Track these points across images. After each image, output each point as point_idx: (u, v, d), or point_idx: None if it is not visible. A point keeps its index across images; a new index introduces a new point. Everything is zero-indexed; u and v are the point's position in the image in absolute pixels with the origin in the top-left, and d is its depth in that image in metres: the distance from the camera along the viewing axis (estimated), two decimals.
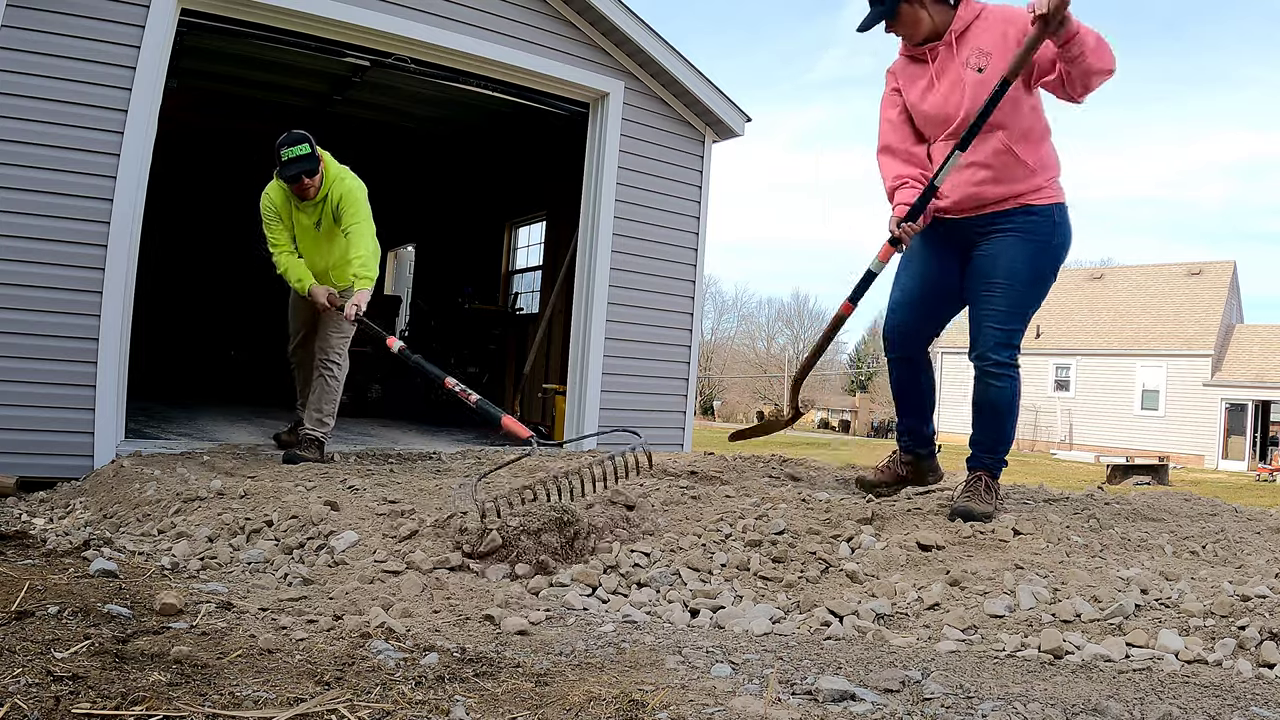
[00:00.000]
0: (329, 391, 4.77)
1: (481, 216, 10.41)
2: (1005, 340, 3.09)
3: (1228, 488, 18.79)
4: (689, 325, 6.97)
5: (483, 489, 3.09)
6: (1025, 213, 3.07)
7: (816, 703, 1.65)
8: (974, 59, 3.03)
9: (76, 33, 4.50)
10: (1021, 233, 3.07)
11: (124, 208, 4.62)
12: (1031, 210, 3.07)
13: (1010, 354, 3.10)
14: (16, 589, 2.08)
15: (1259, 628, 2.01)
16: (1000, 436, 3.20)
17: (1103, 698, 1.67)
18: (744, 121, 6.98)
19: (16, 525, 3.30)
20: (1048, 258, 3.10)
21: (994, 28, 3.03)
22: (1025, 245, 3.06)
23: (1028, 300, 3.10)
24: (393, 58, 5.85)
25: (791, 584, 2.55)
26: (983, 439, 3.22)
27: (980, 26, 3.06)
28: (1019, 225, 3.07)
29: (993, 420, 3.18)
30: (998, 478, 3.23)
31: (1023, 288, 3.08)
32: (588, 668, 1.83)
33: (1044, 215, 3.07)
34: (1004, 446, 3.23)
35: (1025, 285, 3.08)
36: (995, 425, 3.19)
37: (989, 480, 3.16)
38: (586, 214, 6.64)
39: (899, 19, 3.10)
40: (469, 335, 9.55)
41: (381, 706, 1.53)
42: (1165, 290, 30.70)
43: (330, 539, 2.86)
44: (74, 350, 4.53)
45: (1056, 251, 3.11)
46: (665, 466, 4.00)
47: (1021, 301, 3.09)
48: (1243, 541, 2.99)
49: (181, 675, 1.60)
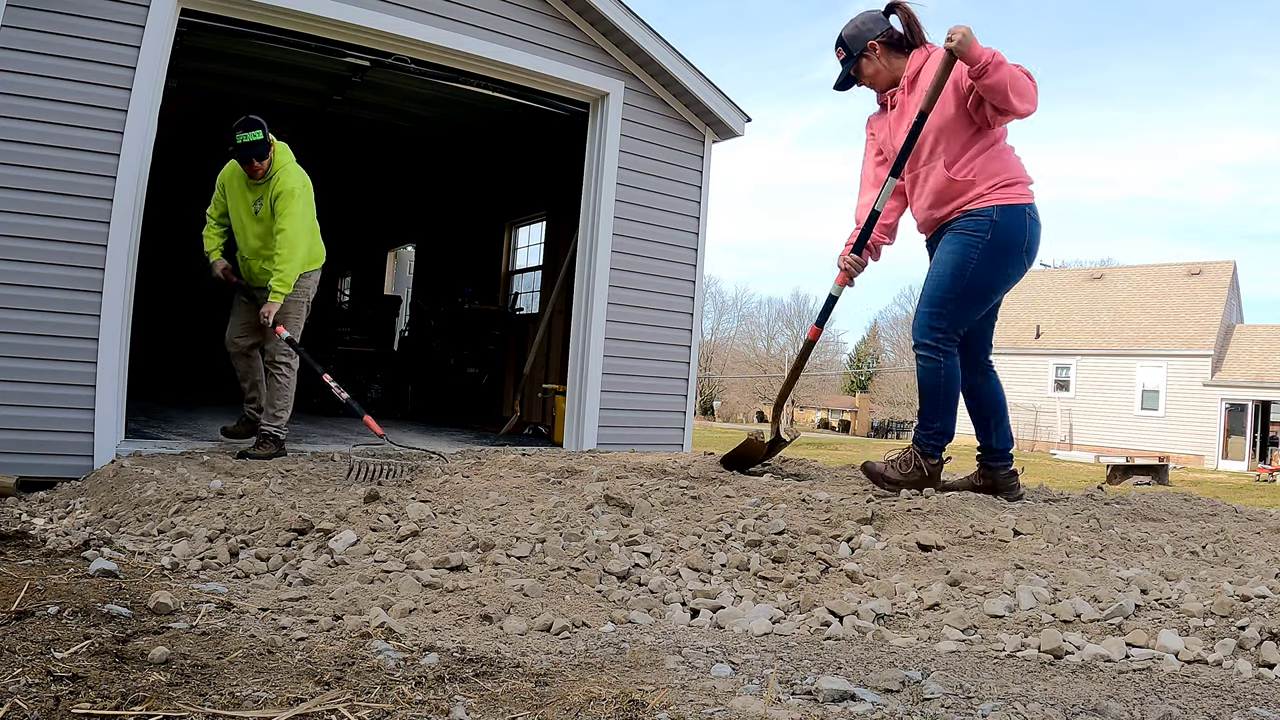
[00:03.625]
0: (281, 389, 4.92)
1: (481, 216, 10.41)
2: (926, 324, 3.44)
3: (1228, 488, 18.79)
4: (689, 325, 6.97)
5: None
6: (965, 217, 3.43)
7: (816, 703, 1.65)
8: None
9: (76, 33, 4.50)
10: (956, 231, 3.44)
11: (124, 208, 4.62)
12: (970, 214, 3.42)
13: (933, 336, 3.43)
14: (16, 589, 2.08)
15: (1259, 628, 2.01)
16: (929, 412, 3.52)
17: (1103, 698, 1.66)
18: (744, 121, 6.98)
19: (16, 525, 3.30)
20: (978, 253, 3.38)
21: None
22: (956, 241, 3.42)
23: (951, 289, 3.41)
24: (393, 58, 5.85)
25: (791, 584, 2.55)
26: (919, 415, 3.58)
27: (930, 67, 3.42)
28: (956, 226, 3.45)
29: (923, 395, 3.53)
30: (930, 456, 3.52)
31: (945, 279, 3.42)
32: (587, 668, 1.83)
33: (982, 216, 3.40)
34: (932, 424, 3.51)
35: (947, 276, 3.41)
36: (925, 400, 3.52)
37: (914, 456, 3.52)
38: (586, 214, 6.64)
39: (861, 72, 3.60)
40: (469, 335, 9.55)
41: (381, 706, 1.53)
42: (1165, 290, 30.69)
43: (329, 539, 2.86)
44: (74, 350, 4.52)
45: (994, 249, 3.37)
46: (665, 466, 4.00)
47: (943, 289, 3.42)
48: (1243, 541, 2.99)
49: (181, 675, 1.60)
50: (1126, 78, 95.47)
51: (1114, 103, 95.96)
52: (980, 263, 3.38)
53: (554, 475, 3.77)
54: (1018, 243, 3.40)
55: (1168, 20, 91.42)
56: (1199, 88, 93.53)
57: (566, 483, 3.61)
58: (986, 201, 3.38)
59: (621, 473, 3.83)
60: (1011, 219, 3.38)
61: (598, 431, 6.46)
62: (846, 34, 3.60)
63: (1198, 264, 31.06)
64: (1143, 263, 35.17)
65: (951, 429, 3.57)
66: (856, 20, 3.63)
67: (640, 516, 3.08)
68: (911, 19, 3.56)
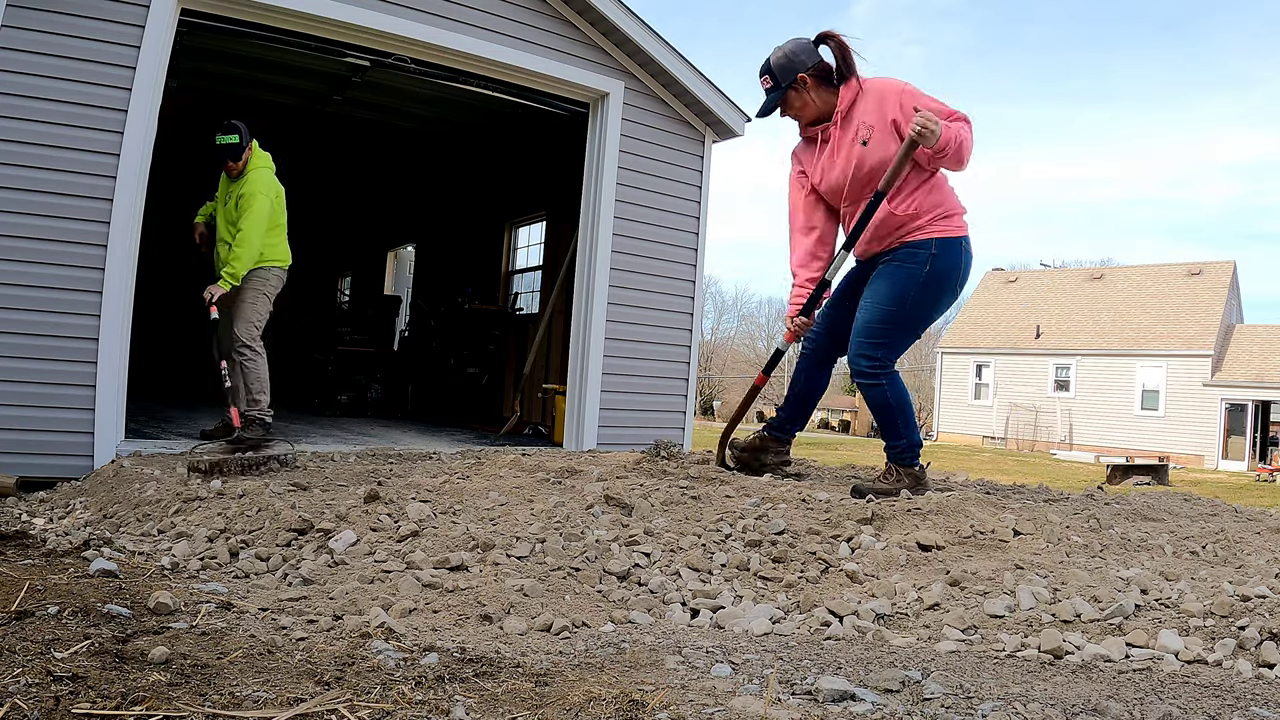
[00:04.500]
0: (250, 374, 5.19)
1: (481, 216, 10.41)
2: (867, 353, 3.53)
3: (1228, 488, 18.78)
4: (689, 325, 6.97)
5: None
6: (904, 247, 3.51)
7: (816, 703, 1.65)
8: (860, 132, 3.45)
9: (76, 33, 4.50)
10: (896, 261, 3.51)
11: (124, 208, 4.62)
12: (909, 245, 3.49)
13: (870, 364, 3.54)
14: (16, 589, 2.08)
15: (1259, 628, 2.01)
16: (890, 431, 3.61)
17: (1103, 698, 1.66)
18: (744, 121, 6.97)
19: (16, 525, 3.30)
20: (914, 282, 3.47)
21: (871, 102, 3.45)
22: (895, 271, 3.50)
23: (892, 319, 3.51)
24: (393, 58, 5.85)
25: (791, 584, 2.55)
26: (884, 437, 3.67)
27: (861, 103, 3.46)
28: (895, 255, 3.52)
29: (879, 418, 3.64)
30: (909, 465, 3.61)
31: (885, 308, 3.50)
32: (587, 668, 1.83)
33: (920, 248, 3.48)
34: (900, 441, 3.61)
35: (888, 306, 3.50)
36: (882, 422, 3.63)
37: (896, 468, 3.61)
38: (586, 214, 6.64)
39: (788, 104, 3.56)
40: (469, 335, 9.54)
41: (381, 706, 1.53)
42: (1165, 290, 30.67)
43: (329, 539, 2.86)
44: (74, 350, 4.52)
45: (931, 279, 3.47)
46: (664, 466, 4.00)
47: (884, 319, 3.51)
48: (1243, 541, 2.99)
49: (181, 675, 1.60)
50: (1127, 78, 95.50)
51: (1114, 103, 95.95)
52: (919, 293, 3.48)
53: (554, 475, 3.76)
54: (953, 275, 3.51)
55: (1168, 22, 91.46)
56: (1199, 88, 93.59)
57: (566, 483, 3.61)
58: (926, 233, 3.47)
59: (621, 473, 3.83)
60: (948, 251, 3.48)
61: (598, 431, 6.46)
62: (776, 62, 3.53)
63: (1198, 264, 31.05)
64: (1143, 263, 35.19)
65: (918, 438, 3.68)
66: (787, 49, 3.54)
67: (640, 516, 3.08)
68: (845, 51, 3.50)
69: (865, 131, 3.44)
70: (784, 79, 3.51)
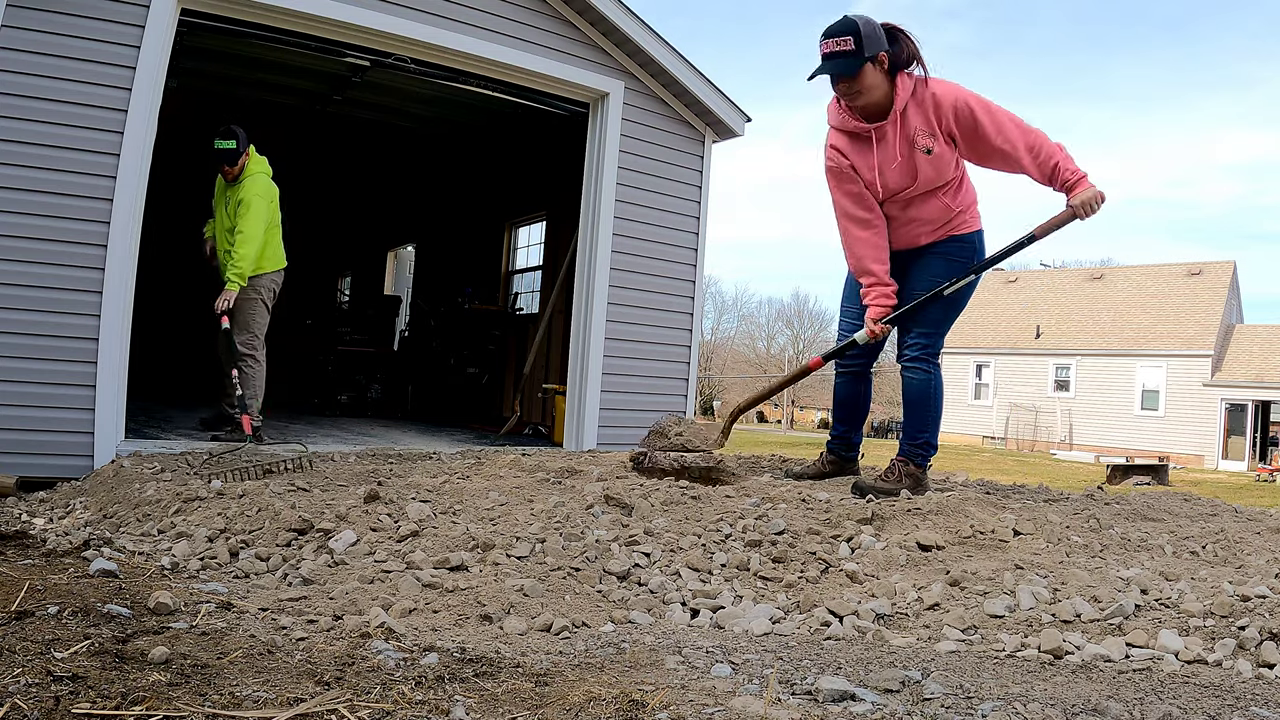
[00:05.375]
0: (247, 379, 5.40)
1: (481, 216, 10.41)
2: (921, 341, 3.57)
3: (1228, 488, 18.79)
4: (689, 325, 6.97)
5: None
6: (953, 240, 3.55)
7: (816, 703, 1.65)
8: (920, 140, 3.35)
9: (76, 33, 4.50)
10: (947, 256, 3.55)
11: (124, 208, 4.62)
12: (957, 238, 3.55)
13: (926, 352, 3.58)
14: (16, 589, 2.08)
15: (1259, 628, 2.01)
16: (917, 424, 3.63)
17: (1103, 698, 1.66)
18: (744, 121, 6.97)
19: (16, 525, 3.30)
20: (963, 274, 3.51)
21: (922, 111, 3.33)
22: (949, 267, 3.53)
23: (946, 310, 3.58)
24: (393, 58, 5.85)
25: (791, 584, 2.55)
26: (906, 428, 3.68)
27: (913, 107, 3.34)
28: (946, 250, 3.55)
29: (912, 409, 3.64)
30: (920, 466, 3.64)
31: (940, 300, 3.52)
32: (587, 668, 1.83)
33: (969, 242, 3.55)
34: (923, 435, 3.63)
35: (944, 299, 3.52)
36: (913, 413, 3.63)
37: (900, 466, 3.61)
38: (586, 214, 6.64)
39: (860, 77, 3.23)
40: (469, 335, 9.54)
41: (381, 706, 1.53)
42: (1165, 290, 30.68)
43: (329, 539, 2.86)
44: (74, 350, 4.52)
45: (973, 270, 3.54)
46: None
47: (939, 310, 3.56)
48: (1243, 541, 2.99)
49: (181, 675, 1.59)
50: (1127, 79, 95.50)
51: (1114, 103, 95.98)
52: (967, 285, 3.56)
53: (554, 475, 3.76)
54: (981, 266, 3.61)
55: (1168, 22, 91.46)
56: (1199, 89, 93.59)
57: (566, 483, 3.61)
58: (970, 226, 3.56)
59: (621, 473, 3.83)
60: (982, 242, 3.61)
61: (598, 431, 6.46)
62: (865, 27, 3.17)
63: (1198, 264, 31.04)
64: (1143, 263, 35.19)
65: (936, 442, 3.70)
66: (871, 21, 3.21)
67: (640, 516, 3.08)
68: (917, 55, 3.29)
69: (925, 140, 3.31)
70: (869, 49, 3.17)
